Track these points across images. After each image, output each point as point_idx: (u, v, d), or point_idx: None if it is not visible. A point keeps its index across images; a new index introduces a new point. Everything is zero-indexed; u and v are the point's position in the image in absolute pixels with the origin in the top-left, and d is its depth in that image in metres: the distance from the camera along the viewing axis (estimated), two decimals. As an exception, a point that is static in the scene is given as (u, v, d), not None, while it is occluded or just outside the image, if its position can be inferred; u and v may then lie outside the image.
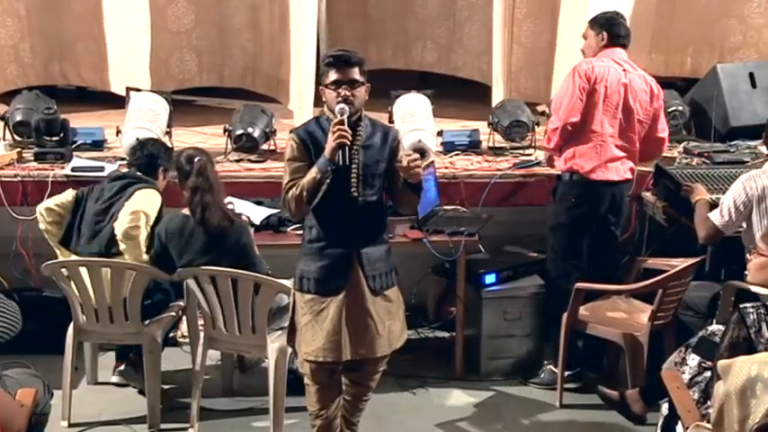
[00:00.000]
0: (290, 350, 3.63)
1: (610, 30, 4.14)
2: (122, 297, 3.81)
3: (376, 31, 6.77)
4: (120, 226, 3.79)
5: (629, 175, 4.22)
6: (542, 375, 4.30)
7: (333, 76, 3.14)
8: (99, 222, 3.90)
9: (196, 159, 3.68)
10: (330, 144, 3.07)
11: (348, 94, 3.12)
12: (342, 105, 3.10)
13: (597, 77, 4.05)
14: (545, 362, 4.32)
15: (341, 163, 3.08)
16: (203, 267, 3.68)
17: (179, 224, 3.72)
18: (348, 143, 3.07)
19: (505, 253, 4.64)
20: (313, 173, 3.10)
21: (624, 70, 4.12)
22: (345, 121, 3.07)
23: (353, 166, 3.15)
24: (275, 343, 3.71)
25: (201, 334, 3.93)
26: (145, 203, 3.86)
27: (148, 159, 4.03)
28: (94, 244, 3.88)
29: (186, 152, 3.80)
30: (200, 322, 4.28)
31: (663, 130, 4.29)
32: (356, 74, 3.14)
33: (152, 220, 3.84)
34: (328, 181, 3.11)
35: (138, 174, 4.01)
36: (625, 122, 4.12)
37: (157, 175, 4.04)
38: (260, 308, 3.68)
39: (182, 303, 4.10)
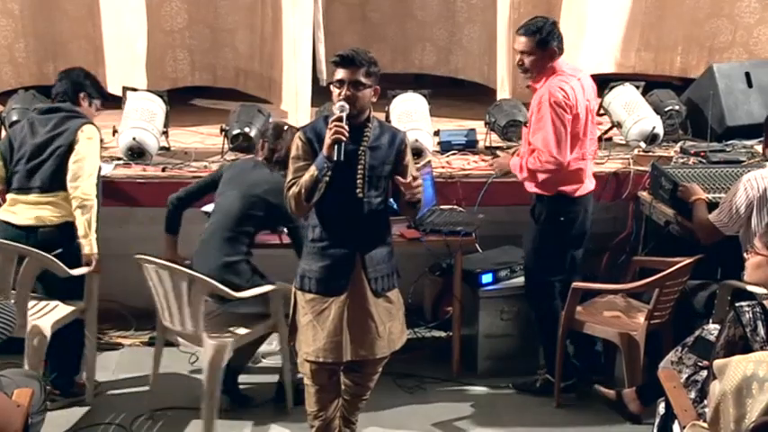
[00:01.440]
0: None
1: (557, 42, 3.90)
2: (9, 282, 3.70)
3: (375, 35, 6.77)
4: (80, 191, 3.77)
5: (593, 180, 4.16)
6: (537, 384, 4.25)
7: (337, 74, 3.16)
8: (38, 157, 3.84)
9: (285, 128, 4.01)
10: (326, 140, 3.07)
11: (348, 93, 3.12)
12: (341, 103, 3.11)
13: (572, 104, 3.86)
14: (539, 371, 4.26)
15: (335, 159, 3.07)
16: (145, 258, 3.69)
17: (248, 160, 4.06)
18: (344, 139, 3.07)
19: (502, 252, 4.64)
20: (311, 170, 3.11)
21: (578, 79, 3.95)
22: (344, 117, 3.08)
23: (359, 166, 3.16)
24: (213, 340, 3.68)
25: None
26: (93, 154, 3.86)
27: (71, 86, 3.99)
28: (36, 179, 3.83)
29: (276, 122, 4.23)
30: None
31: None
32: (360, 75, 3.14)
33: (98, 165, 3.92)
34: (327, 180, 3.11)
35: (70, 105, 3.95)
36: (590, 128, 4.03)
37: (80, 101, 3.98)
38: (194, 302, 3.64)
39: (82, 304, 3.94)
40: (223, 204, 3.89)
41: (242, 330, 3.83)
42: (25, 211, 3.84)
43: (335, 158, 3.07)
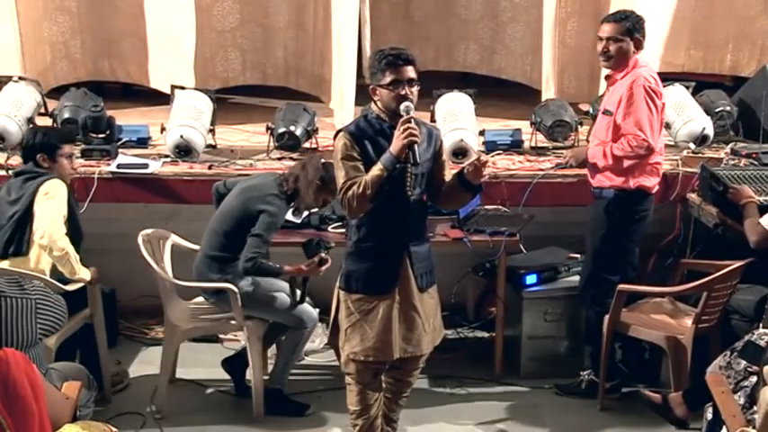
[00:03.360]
0: None
1: (641, 34, 3.89)
2: None
3: (418, 33, 6.78)
4: (56, 250, 3.70)
5: None
6: (582, 386, 4.21)
7: (392, 75, 3.11)
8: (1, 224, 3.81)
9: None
10: (399, 142, 3.05)
11: (409, 92, 3.11)
12: (407, 103, 3.09)
13: (661, 92, 3.87)
14: (582, 372, 4.21)
15: (412, 162, 3.08)
16: None
17: (266, 174, 4.04)
18: (419, 141, 3.07)
19: (547, 253, 4.60)
20: (377, 170, 3.08)
21: (658, 73, 3.98)
22: (413, 119, 3.08)
23: (408, 164, 3.14)
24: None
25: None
26: (51, 209, 3.74)
27: (26, 153, 3.92)
28: None
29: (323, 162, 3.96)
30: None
31: None
32: (413, 72, 3.14)
33: (64, 218, 3.78)
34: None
35: (32, 166, 3.86)
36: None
37: (40, 163, 3.85)
38: None
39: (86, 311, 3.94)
40: (225, 204, 3.96)
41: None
42: None
43: (412, 161, 3.07)
